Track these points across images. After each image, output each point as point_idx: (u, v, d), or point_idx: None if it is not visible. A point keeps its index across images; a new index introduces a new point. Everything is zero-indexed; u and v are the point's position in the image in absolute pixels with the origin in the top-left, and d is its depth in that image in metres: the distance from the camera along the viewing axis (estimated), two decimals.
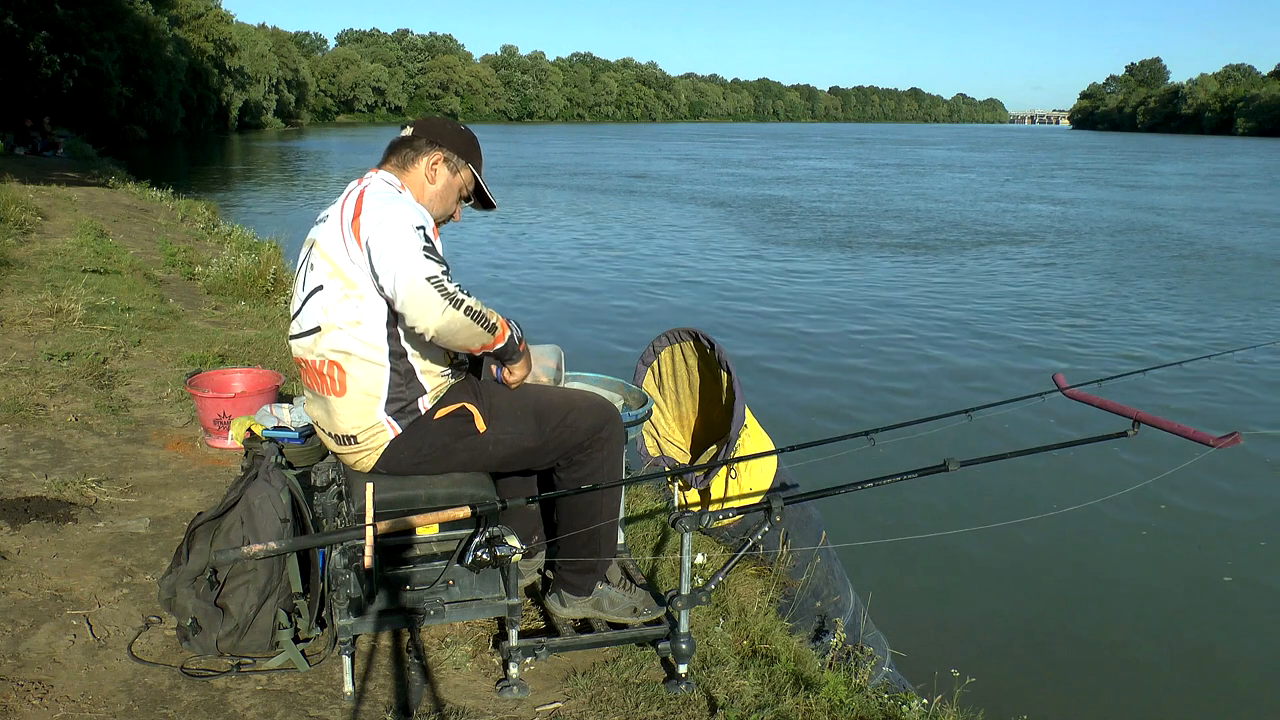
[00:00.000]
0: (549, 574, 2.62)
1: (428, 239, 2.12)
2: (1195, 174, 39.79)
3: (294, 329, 2.31)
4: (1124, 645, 4.31)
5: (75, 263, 7.54)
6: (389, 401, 2.23)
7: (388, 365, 2.21)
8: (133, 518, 3.12)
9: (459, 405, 2.27)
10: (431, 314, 2.05)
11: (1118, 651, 4.25)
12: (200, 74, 54.92)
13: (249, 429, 3.44)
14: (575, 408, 2.36)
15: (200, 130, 55.74)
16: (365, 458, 2.29)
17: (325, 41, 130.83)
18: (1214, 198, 28.05)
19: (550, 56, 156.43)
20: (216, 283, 7.27)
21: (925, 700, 2.68)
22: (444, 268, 2.10)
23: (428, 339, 2.12)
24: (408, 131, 2.40)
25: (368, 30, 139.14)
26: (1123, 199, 27.28)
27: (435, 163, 2.36)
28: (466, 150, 2.41)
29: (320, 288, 2.20)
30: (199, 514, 2.45)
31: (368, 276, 2.14)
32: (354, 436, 2.26)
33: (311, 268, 2.24)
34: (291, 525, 2.36)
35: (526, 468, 2.42)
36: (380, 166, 2.39)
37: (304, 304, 2.25)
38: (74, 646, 2.38)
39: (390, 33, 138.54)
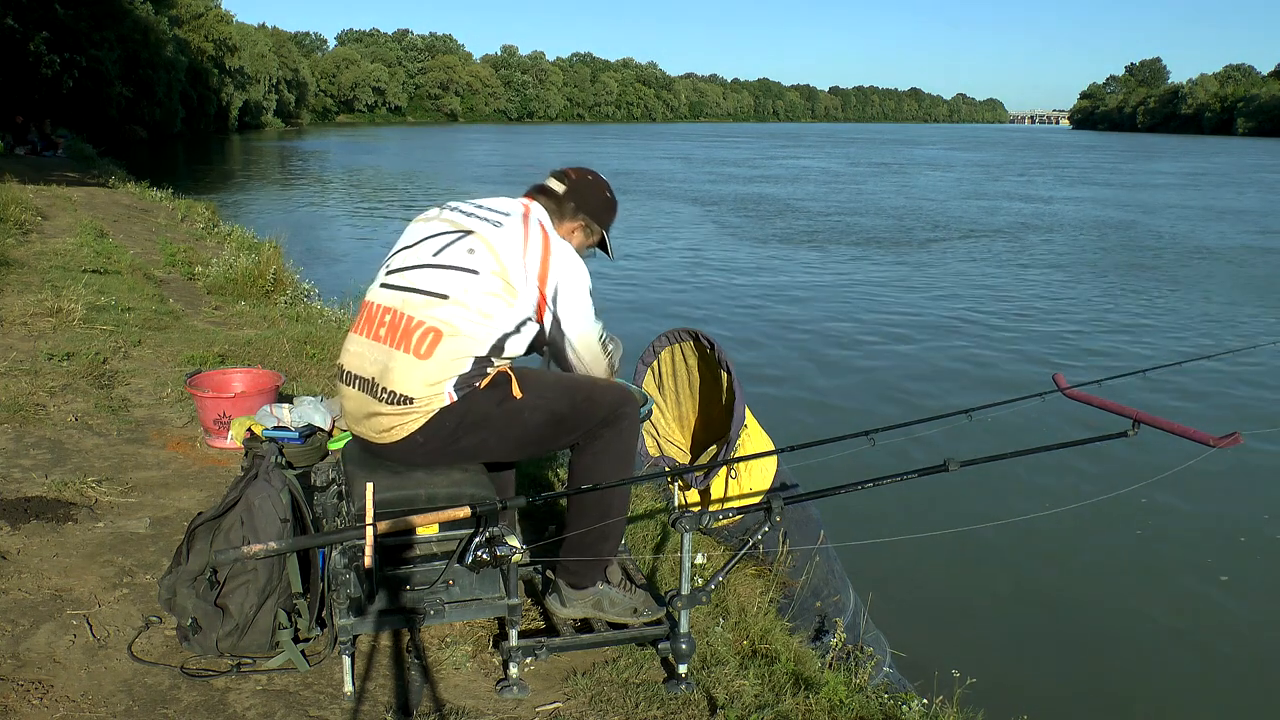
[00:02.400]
0: (549, 574, 2.62)
1: (591, 295, 2.48)
2: (1179, 172, 40.04)
3: (400, 280, 2.35)
4: (1123, 645, 4.31)
5: (75, 263, 7.54)
6: (460, 379, 2.28)
7: (482, 354, 2.29)
8: (133, 518, 3.12)
9: (499, 370, 2.35)
10: (600, 369, 2.52)
11: (1118, 651, 4.25)
12: (200, 74, 54.90)
13: (249, 429, 3.44)
14: (598, 384, 2.48)
15: (200, 130, 55.72)
16: (409, 422, 2.29)
17: (325, 41, 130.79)
18: (1198, 196, 28.15)
19: (550, 56, 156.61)
20: (216, 283, 7.27)
21: (925, 700, 2.68)
22: (601, 325, 2.50)
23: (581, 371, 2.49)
24: (560, 188, 2.53)
25: (368, 30, 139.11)
26: (1109, 198, 27.42)
27: (576, 229, 2.54)
28: (605, 218, 2.60)
29: (473, 271, 2.29)
30: (199, 514, 2.45)
31: (533, 299, 2.33)
32: (411, 399, 2.27)
33: (471, 251, 2.31)
34: (291, 525, 2.36)
35: (553, 441, 2.48)
36: (532, 198, 2.51)
37: (434, 268, 2.31)
38: (74, 646, 2.38)
39: (390, 33, 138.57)
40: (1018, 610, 4.62)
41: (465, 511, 2.16)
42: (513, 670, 2.31)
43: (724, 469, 3.36)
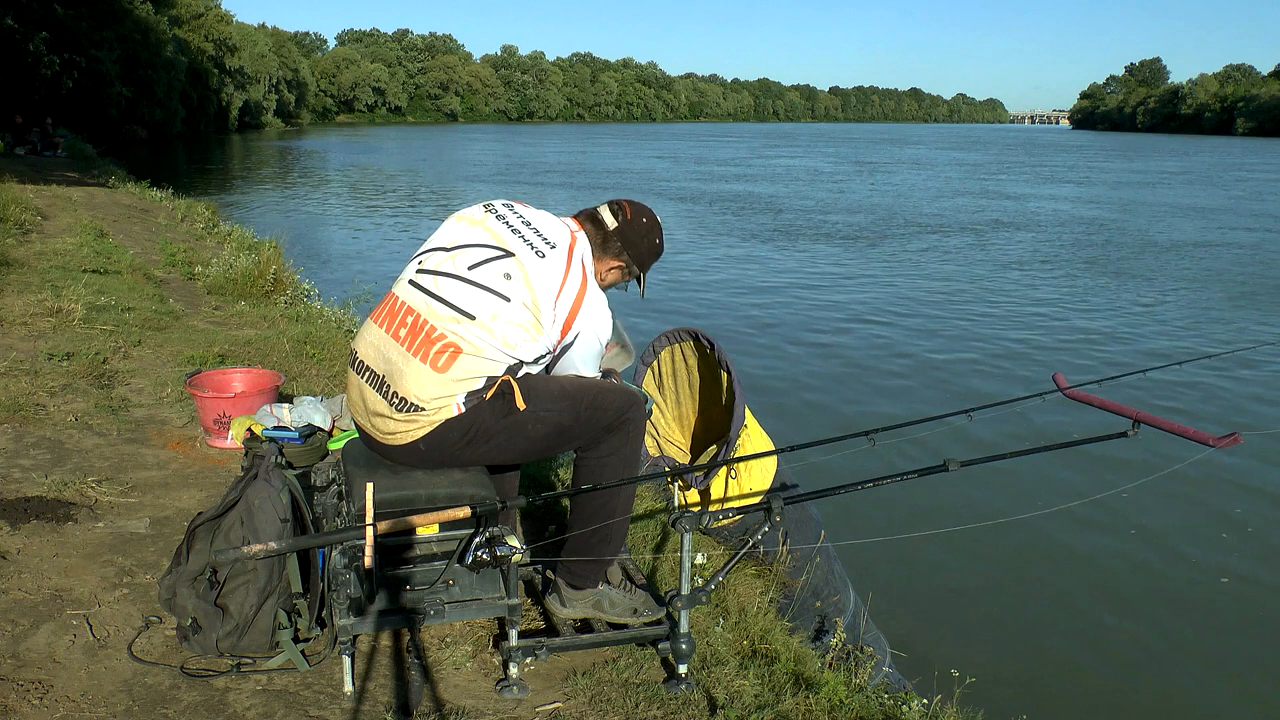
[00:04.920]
0: (549, 574, 2.62)
1: (602, 348, 2.48)
2: (1158, 171, 40.52)
3: (430, 284, 2.30)
4: (1123, 645, 4.31)
5: (75, 263, 7.54)
6: (470, 394, 2.27)
7: (497, 375, 2.28)
8: (133, 518, 3.12)
9: (504, 379, 2.31)
10: None
11: (1117, 651, 4.25)
12: (200, 74, 54.90)
13: (249, 429, 3.44)
14: (604, 389, 2.44)
15: (200, 130, 55.72)
16: (415, 430, 2.28)
17: (325, 41, 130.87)
18: (1174, 194, 28.28)
19: (550, 56, 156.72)
20: (216, 283, 7.26)
21: (925, 700, 2.68)
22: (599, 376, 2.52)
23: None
24: (612, 223, 2.48)
25: (368, 30, 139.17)
26: (1095, 196, 27.61)
27: (615, 267, 2.51)
28: (647, 262, 2.55)
29: (505, 298, 2.26)
30: (199, 514, 2.45)
31: (555, 338, 2.33)
32: (421, 407, 2.25)
33: (507, 277, 2.27)
34: (291, 525, 2.36)
35: (557, 449, 2.48)
36: (581, 224, 2.48)
37: (466, 283, 2.27)
38: (74, 646, 2.37)
39: (390, 33, 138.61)
40: (1018, 610, 4.62)
41: (465, 511, 2.16)
42: (513, 670, 2.31)
43: (724, 469, 3.36)
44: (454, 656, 2.45)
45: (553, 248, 2.34)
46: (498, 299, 2.26)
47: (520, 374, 2.31)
